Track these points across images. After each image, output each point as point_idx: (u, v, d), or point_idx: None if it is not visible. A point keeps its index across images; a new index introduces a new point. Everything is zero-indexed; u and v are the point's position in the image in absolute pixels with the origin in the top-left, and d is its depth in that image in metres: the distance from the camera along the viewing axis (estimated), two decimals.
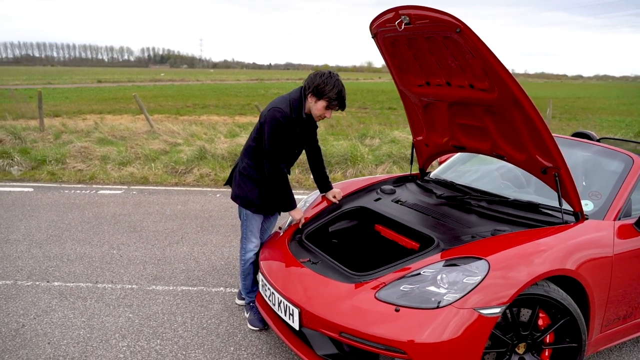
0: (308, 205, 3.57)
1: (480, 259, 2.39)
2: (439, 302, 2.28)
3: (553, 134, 2.71)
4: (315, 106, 3.07)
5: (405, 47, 3.01)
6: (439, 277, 2.38)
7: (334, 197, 3.49)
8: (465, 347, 2.25)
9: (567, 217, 2.81)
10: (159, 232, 5.21)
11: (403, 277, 2.46)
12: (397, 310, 2.31)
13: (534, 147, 2.78)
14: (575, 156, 3.57)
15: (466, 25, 2.45)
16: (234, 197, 3.32)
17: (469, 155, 4.06)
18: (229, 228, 5.40)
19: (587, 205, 2.97)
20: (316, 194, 3.68)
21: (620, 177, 3.04)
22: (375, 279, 2.53)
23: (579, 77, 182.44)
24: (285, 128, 3.05)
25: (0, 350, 3.01)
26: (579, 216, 2.78)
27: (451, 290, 2.31)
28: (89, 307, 3.56)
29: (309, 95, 3.06)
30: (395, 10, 2.79)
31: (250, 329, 3.29)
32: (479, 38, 2.44)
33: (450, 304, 2.27)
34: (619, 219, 2.85)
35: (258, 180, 3.23)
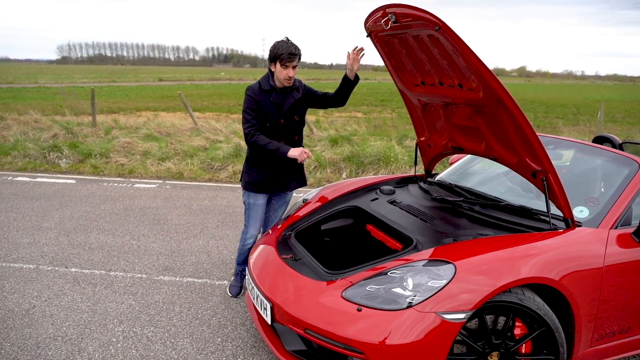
0: (305, 202, 3.60)
1: (448, 262, 2.35)
2: (402, 304, 2.26)
3: (571, 138, 2.62)
4: (277, 71, 3.25)
5: (398, 46, 3.00)
6: (405, 278, 2.36)
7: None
8: (426, 351, 2.21)
9: (558, 224, 2.71)
10: (181, 226, 5.39)
11: (371, 277, 2.45)
12: (359, 310, 2.31)
13: (523, 149, 2.69)
14: (585, 162, 3.43)
15: (445, 23, 2.41)
16: (242, 184, 3.63)
17: (480, 158, 3.97)
18: None
19: (582, 212, 2.84)
20: (314, 192, 3.71)
21: (621, 184, 2.88)
22: (345, 277, 2.53)
23: None
24: (255, 101, 3.27)
25: (8, 328, 3.23)
26: (569, 223, 2.66)
27: (415, 292, 2.28)
28: (97, 293, 3.75)
29: (270, 65, 3.29)
30: (383, 8, 2.78)
31: (227, 294, 3.65)
32: (457, 36, 2.40)
33: (412, 307, 2.24)
34: (616, 228, 2.71)
35: (256, 161, 3.46)
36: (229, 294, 3.69)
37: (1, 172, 7.94)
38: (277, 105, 3.31)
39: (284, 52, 3.16)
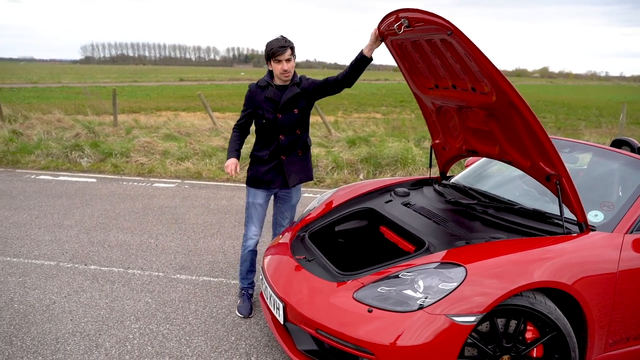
0: (319, 203, 3.64)
1: (459, 265, 2.35)
2: (413, 306, 2.28)
3: (588, 141, 2.61)
4: (273, 68, 3.27)
5: (411, 49, 3.01)
6: (416, 280, 2.37)
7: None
8: (435, 353, 2.23)
9: (572, 228, 2.70)
10: (198, 225, 5.46)
11: (382, 278, 2.47)
12: (370, 311, 2.33)
13: (536, 153, 2.69)
14: (602, 165, 3.40)
15: (457, 28, 2.42)
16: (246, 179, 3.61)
17: (495, 160, 3.96)
18: (265, 224, 5.55)
19: (597, 216, 2.82)
20: (329, 193, 3.74)
21: (638, 188, 2.85)
22: (357, 279, 2.56)
23: None
24: (251, 97, 3.39)
25: (29, 323, 3.32)
26: (583, 227, 2.65)
27: (426, 295, 2.30)
28: (115, 290, 3.83)
29: (267, 65, 3.33)
30: (396, 13, 2.80)
31: (237, 315, 3.50)
32: (470, 40, 2.41)
33: (422, 309, 2.26)
34: (631, 232, 2.69)
35: (256, 157, 3.51)
36: (239, 314, 3.47)
37: (25, 170, 8.14)
38: (273, 100, 3.31)
39: (275, 46, 3.19)
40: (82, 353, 2.99)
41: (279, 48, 3.18)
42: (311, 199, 6.39)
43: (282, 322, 2.70)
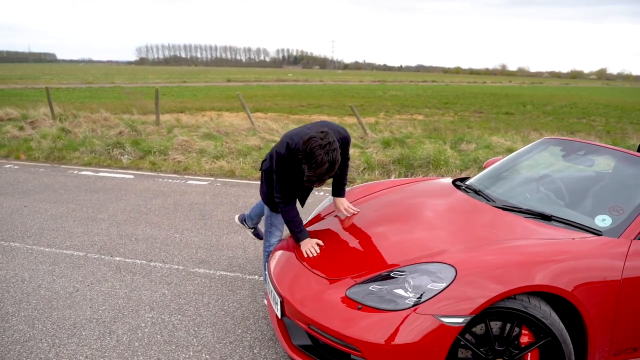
0: (330, 202, 3.67)
1: (450, 265, 2.34)
2: (401, 305, 2.29)
3: (608, 145, 2.59)
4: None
5: None
6: (407, 280, 2.38)
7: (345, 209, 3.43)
8: (422, 353, 2.23)
9: (581, 235, 2.63)
10: (223, 222, 5.59)
11: (375, 276, 2.49)
12: (359, 309, 2.35)
13: None
14: (627, 170, 3.30)
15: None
16: (260, 192, 3.54)
17: (515, 163, 3.89)
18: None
19: (605, 221, 2.74)
20: None
21: None
22: (351, 276, 2.58)
23: None
24: (285, 168, 3.07)
25: (52, 308, 3.51)
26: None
27: (415, 294, 2.30)
28: (135, 281, 3.99)
29: (303, 165, 2.91)
30: None
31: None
32: None
33: (410, 308, 2.26)
34: None
35: (267, 177, 3.46)
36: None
37: (69, 166, 8.54)
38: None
39: (312, 176, 2.83)
40: (96, 338, 3.15)
41: (322, 177, 2.84)
42: (323, 198, 6.43)
43: (279, 317, 2.76)
